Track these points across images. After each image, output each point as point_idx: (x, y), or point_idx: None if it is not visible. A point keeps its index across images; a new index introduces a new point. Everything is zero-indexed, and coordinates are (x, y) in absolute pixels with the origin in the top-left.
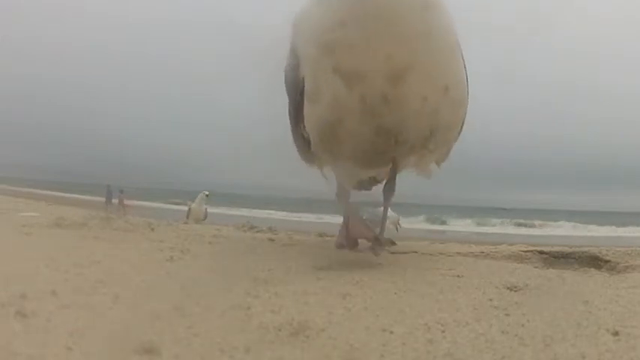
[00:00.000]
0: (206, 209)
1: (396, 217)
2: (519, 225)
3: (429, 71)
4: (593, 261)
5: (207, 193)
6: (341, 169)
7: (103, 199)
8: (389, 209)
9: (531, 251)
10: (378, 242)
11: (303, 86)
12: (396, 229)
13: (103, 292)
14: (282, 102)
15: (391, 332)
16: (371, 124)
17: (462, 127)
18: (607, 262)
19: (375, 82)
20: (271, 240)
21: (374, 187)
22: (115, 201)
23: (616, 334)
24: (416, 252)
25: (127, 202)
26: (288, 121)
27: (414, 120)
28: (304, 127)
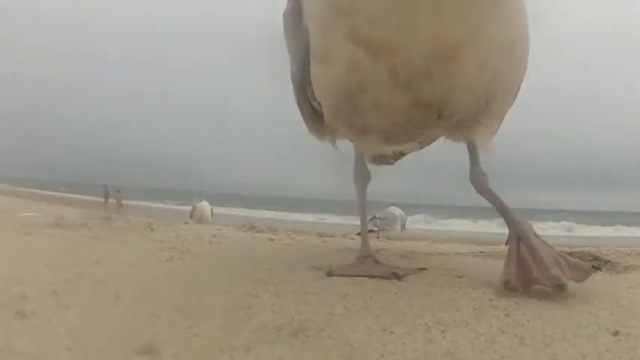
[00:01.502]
0: (211, 209)
1: (405, 217)
2: None
3: (492, 38)
4: (593, 261)
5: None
6: (361, 144)
7: (100, 199)
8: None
9: None
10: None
11: (308, 37)
12: (402, 228)
13: (103, 292)
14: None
15: (391, 332)
16: (405, 96)
17: (518, 90)
18: (607, 262)
19: (414, 57)
20: (271, 240)
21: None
22: (111, 200)
23: (616, 334)
24: (416, 252)
25: (124, 201)
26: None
27: (466, 91)
28: (312, 92)
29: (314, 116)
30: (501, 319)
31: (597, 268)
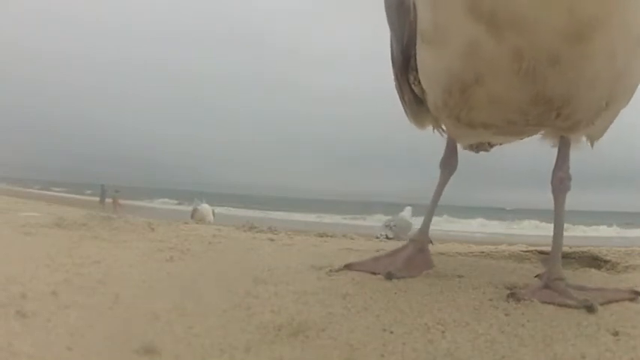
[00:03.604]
0: (213, 211)
1: (411, 225)
2: (520, 225)
3: (624, 21)
4: (593, 261)
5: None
6: (464, 137)
7: (97, 199)
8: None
9: (531, 251)
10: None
11: (415, 16)
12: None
13: (103, 292)
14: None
15: (391, 332)
16: (527, 90)
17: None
18: (607, 262)
19: (543, 36)
20: (271, 240)
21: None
22: (108, 200)
23: (616, 334)
24: None
25: (121, 201)
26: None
27: (590, 87)
28: (415, 77)
29: (414, 103)
30: (501, 319)
31: (638, 294)
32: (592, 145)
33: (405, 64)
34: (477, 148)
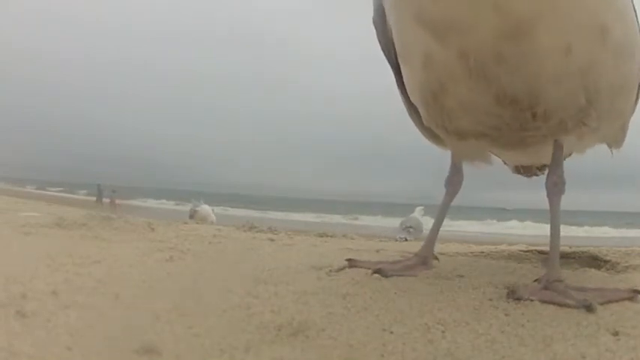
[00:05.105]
0: (213, 211)
1: (422, 224)
2: (520, 225)
3: (573, 8)
4: (593, 261)
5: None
6: (465, 149)
7: (93, 199)
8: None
9: (531, 251)
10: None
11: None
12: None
13: (103, 292)
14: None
15: (391, 332)
16: (486, 90)
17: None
18: (607, 262)
19: (480, 36)
20: (271, 240)
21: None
22: (106, 200)
23: (616, 334)
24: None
25: (118, 201)
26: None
27: (552, 82)
28: None
29: (421, 120)
30: (501, 319)
31: (638, 292)
32: (611, 151)
33: (401, 83)
34: (526, 172)
